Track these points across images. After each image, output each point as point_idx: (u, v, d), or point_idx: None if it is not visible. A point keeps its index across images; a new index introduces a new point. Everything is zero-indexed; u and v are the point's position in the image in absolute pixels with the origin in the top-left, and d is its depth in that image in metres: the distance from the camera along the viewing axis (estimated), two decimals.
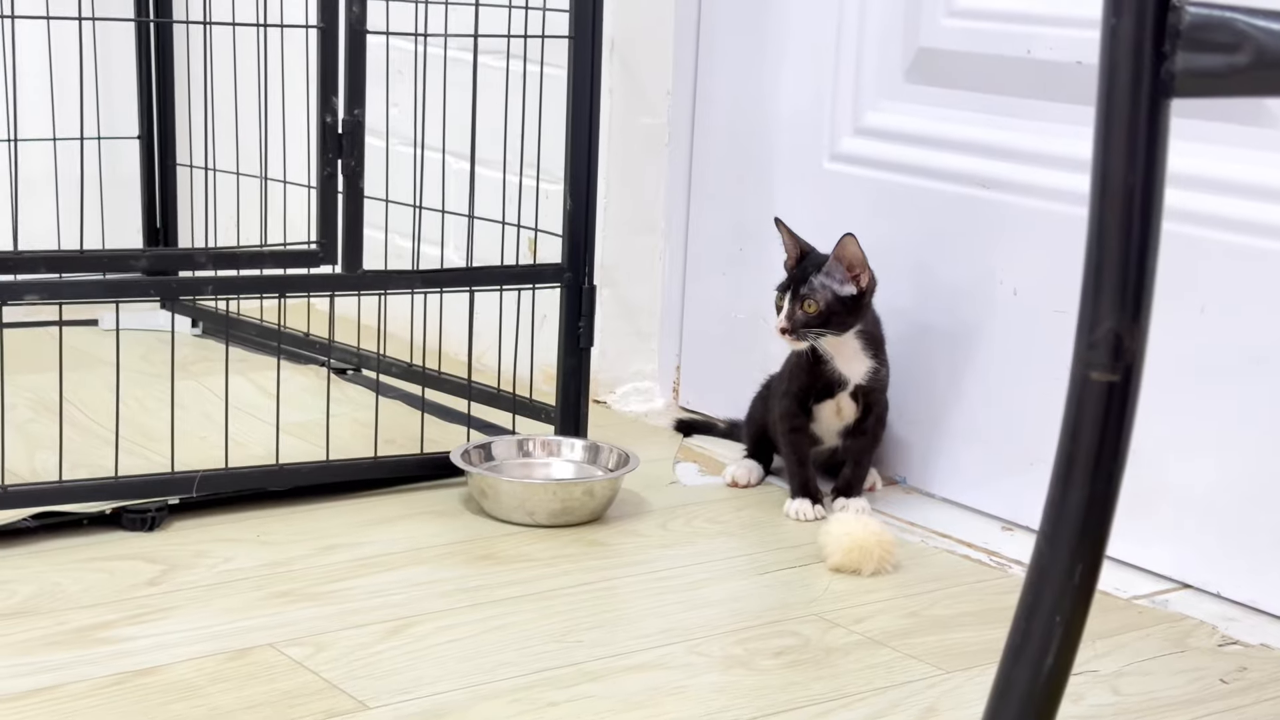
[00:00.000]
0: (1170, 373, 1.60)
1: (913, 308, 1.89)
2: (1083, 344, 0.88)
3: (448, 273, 1.87)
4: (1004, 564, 1.68)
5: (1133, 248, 0.87)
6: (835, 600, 1.56)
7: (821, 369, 1.78)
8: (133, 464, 1.71)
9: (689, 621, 1.49)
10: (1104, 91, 0.86)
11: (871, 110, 1.94)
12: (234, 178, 2.28)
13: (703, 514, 1.79)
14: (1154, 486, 1.63)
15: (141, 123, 2.40)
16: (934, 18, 1.85)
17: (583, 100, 1.84)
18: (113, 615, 1.44)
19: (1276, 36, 0.83)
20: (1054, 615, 0.91)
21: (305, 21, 1.82)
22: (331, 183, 1.73)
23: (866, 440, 1.81)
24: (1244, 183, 1.57)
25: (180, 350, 1.83)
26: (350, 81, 1.71)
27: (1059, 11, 1.71)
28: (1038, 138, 1.74)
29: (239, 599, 1.49)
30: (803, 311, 1.74)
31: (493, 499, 1.73)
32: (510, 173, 1.97)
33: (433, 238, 2.14)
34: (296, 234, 2.10)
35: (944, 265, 1.85)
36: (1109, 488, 0.89)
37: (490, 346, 2.00)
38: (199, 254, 1.71)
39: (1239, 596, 1.58)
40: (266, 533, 1.66)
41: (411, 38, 1.95)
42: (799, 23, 2.00)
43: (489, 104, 1.98)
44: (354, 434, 1.89)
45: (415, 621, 1.46)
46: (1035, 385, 1.75)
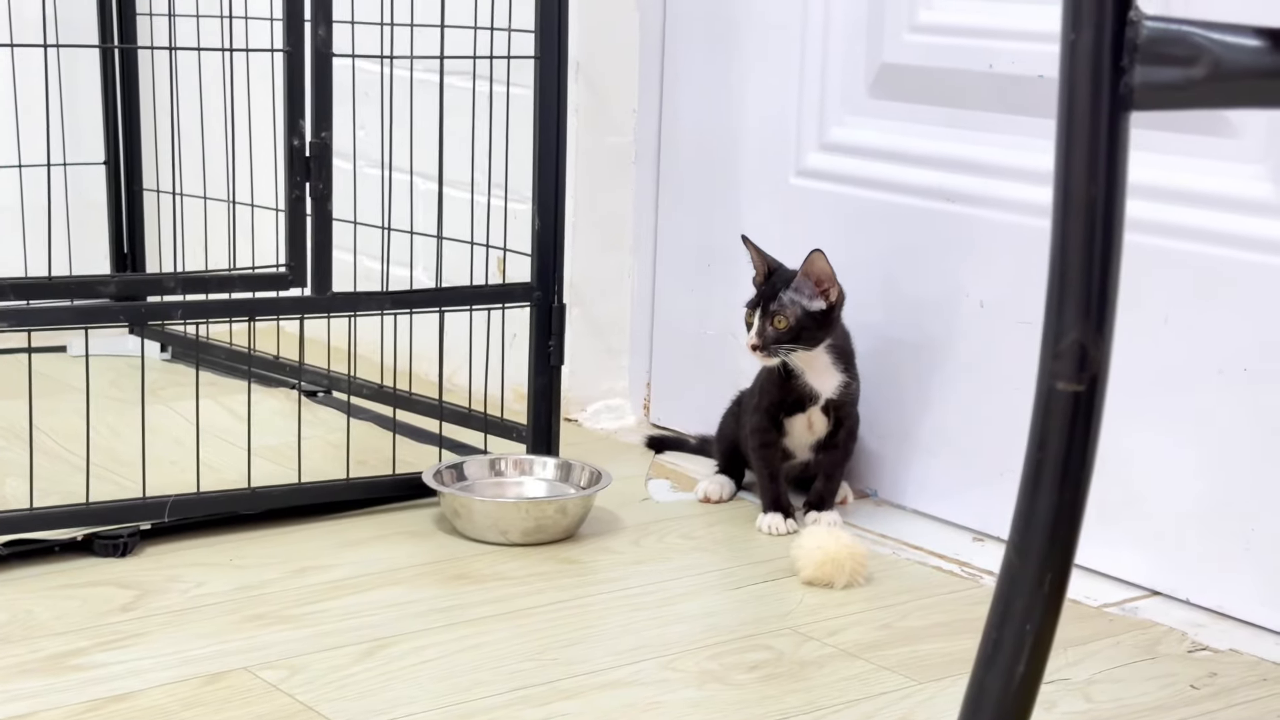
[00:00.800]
0: (1135, 382, 1.61)
1: (880, 321, 1.90)
2: (1048, 354, 0.90)
3: (417, 294, 1.87)
4: (975, 574, 1.69)
5: (1095, 259, 0.88)
6: (808, 613, 1.57)
7: (792, 384, 1.79)
8: (104, 490, 1.71)
9: (663, 637, 1.50)
10: (1064, 106, 0.87)
11: (836, 126, 1.95)
12: (201, 202, 2.28)
13: (675, 530, 1.80)
14: (1121, 495, 1.65)
15: (108, 148, 2.40)
16: (897, 33, 1.86)
17: (549, 120, 1.84)
18: (86, 642, 1.44)
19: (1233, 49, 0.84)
20: (1025, 624, 0.92)
21: (271, 45, 1.82)
22: (300, 205, 1.73)
23: (838, 454, 1.82)
24: (1204, 193, 1.58)
25: (150, 375, 1.83)
26: (317, 104, 1.72)
27: (1020, 26, 1.73)
28: (1001, 151, 1.76)
29: (212, 623, 1.49)
30: (773, 328, 1.75)
31: (466, 518, 1.74)
32: (478, 193, 1.97)
33: (401, 259, 2.14)
34: (265, 257, 2.10)
35: (910, 279, 1.87)
36: (1077, 496, 0.90)
37: (461, 366, 2.01)
38: (168, 278, 1.71)
39: (1208, 602, 1.59)
40: (239, 556, 1.66)
41: (378, 60, 1.96)
42: (763, 40, 2.01)
43: (456, 125, 1.99)
44: (326, 456, 1.89)
45: (390, 643, 1.46)
46: (1003, 396, 1.76)
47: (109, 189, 2.41)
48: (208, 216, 2.27)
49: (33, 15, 2.21)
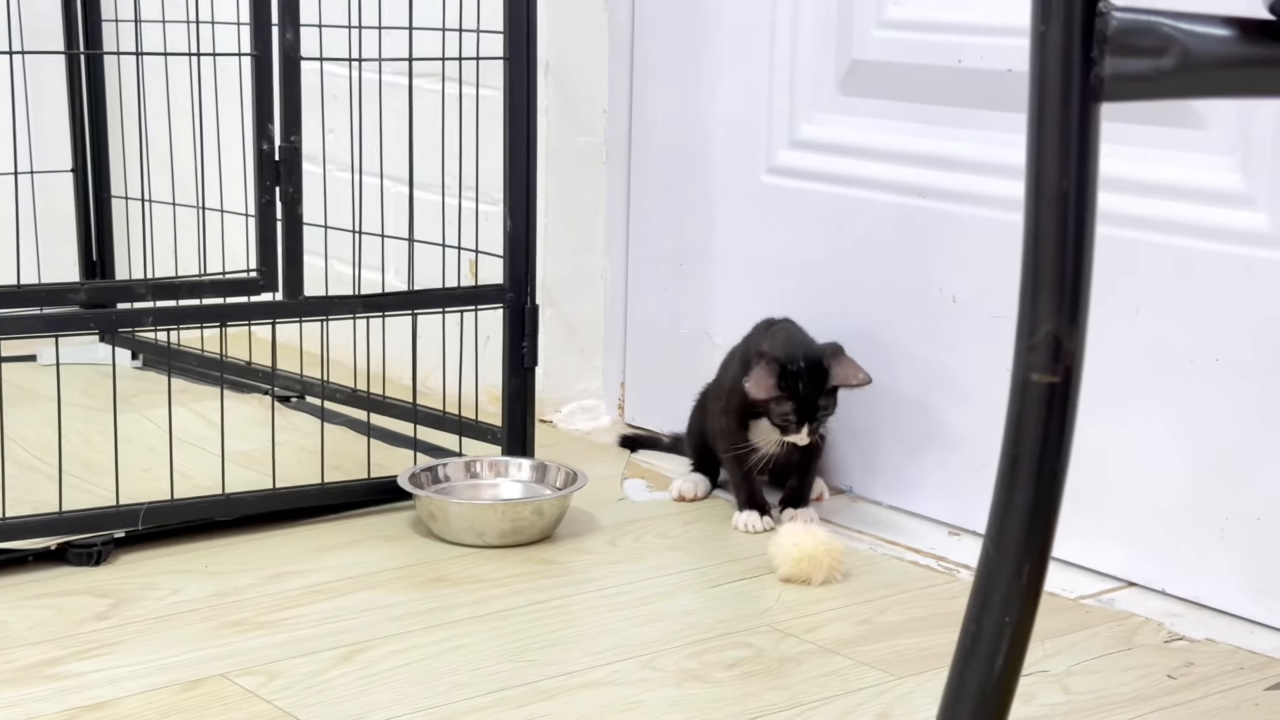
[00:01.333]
0: (1108, 373, 1.62)
1: (853, 317, 1.90)
2: (1023, 347, 0.90)
3: (389, 297, 1.87)
4: (952, 568, 1.69)
5: (1068, 251, 0.88)
6: (787, 610, 1.57)
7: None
8: (77, 499, 1.70)
9: (642, 637, 1.49)
10: (1035, 98, 0.88)
11: (807, 123, 1.95)
12: (170, 208, 2.26)
13: (652, 529, 1.80)
14: (1097, 486, 1.65)
15: (75, 155, 2.38)
16: (865, 30, 1.87)
17: (519, 121, 1.84)
18: (61, 651, 1.43)
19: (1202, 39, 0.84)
20: (1003, 616, 0.92)
21: (238, 50, 1.81)
22: (270, 210, 1.72)
23: (811, 451, 1.82)
24: (1174, 185, 1.59)
25: (121, 383, 1.82)
26: (286, 109, 1.71)
27: (988, 21, 1.73)
28: (971, 145, 1.76)
29: (189, 630, 1.48)
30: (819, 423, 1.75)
31: (442, 521, 1.73)
32: (449, 195, 1.97)
33: (373, 262, 2.14)
34: (236, 262, 2.09)
35: (883, 274, 1.87)
36: (1053, 488, 0.91)
37: (434, 369, 2.00)
38: (138, 285, 1.70)
39: (1183, 593, 1.60)
40: (214, 563, 1.65)
41: (346, 63, 1.95)
42: (733, 39, 2.01)
43: (426, 127, 1.98)
44: (300, 461, 1.88)
45: (367, 647, 1.45)
46: (977, 391, 1.77)
47: (77, 196, 2.40)
48: (177, 222, 2.26)
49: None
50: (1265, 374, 1.52)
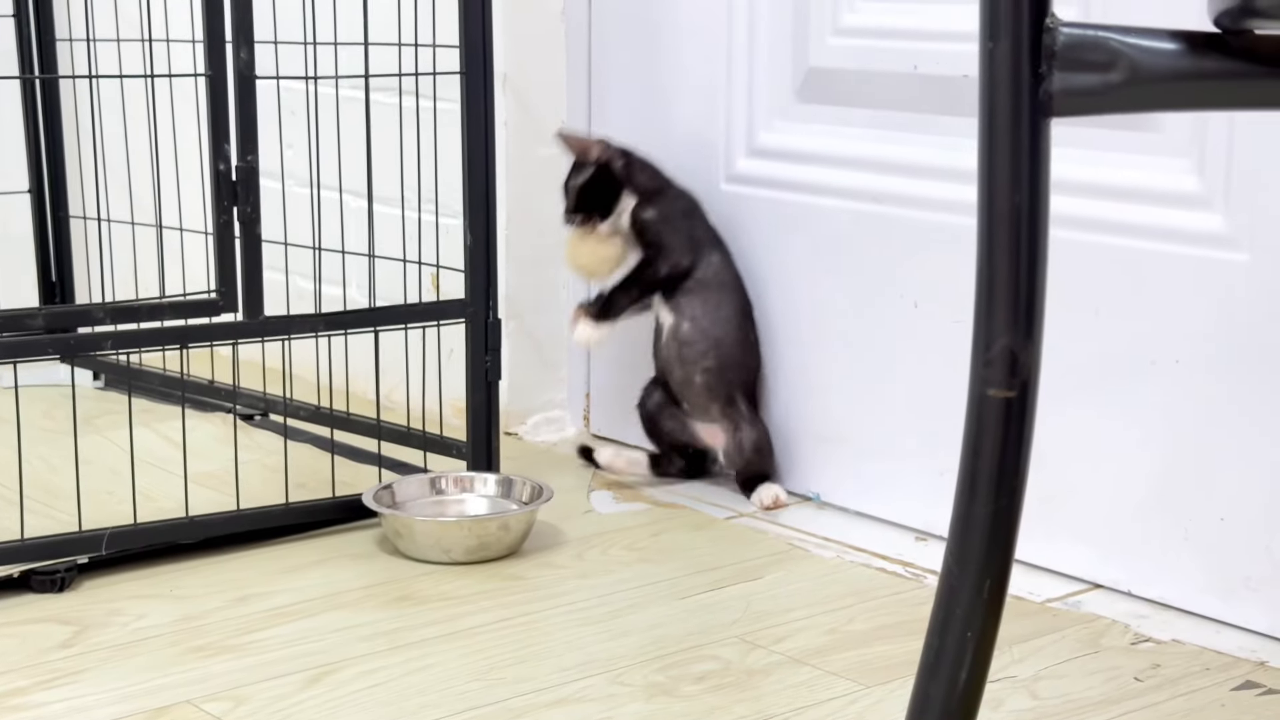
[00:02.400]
0: (1069, 376, 1.62)
1: (815, 323, 1.90)
2: (979, 362, 0.90)
3: (351, 314, 1.86)
4: (919, 574, 1.70)
5: (1022, 266, 0.89)
6: (754, 621, 1.57)
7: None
8: (39, 524, 1.69)
9: (610, 651, 1.49)
10: (985, 113, 0.88)
11: (765, 131, 1.95)
12: (129, 228, 2.25)
13: (620, 541, 1.80)
14: (1061, 489, 1.66)
15: (31, 176, 2.37)
16: (821, 37, 1.87)
17: (477, 134, 1.84)
18: (24, 681, 1.42)
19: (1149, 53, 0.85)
20: (965, 630, 0.92)
21: (194, 69, 1.80)
22: (228, 230, 1.72)
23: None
24: (1130, 187, 1.60)
25: (82, 404, 1.80)
26: (242, 128, 1.70)
27: (943, 27, 1.73)
28: (929, 151, 1.77)
29: (154, 656, 1.47)
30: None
31: (408, 539, 1.73)
32: (409, 209, 1.96)
33: (334, 278, 2.13)
34: (196, 281, 2.08)
35: (844, 281, 1.87)
36: (1012, 501, 0.91)
37: (398, 384, 2.00)
38: (96, 309, 1.69)
39: (1149, 594, 1.60)
40: (179, 587, 1.64)
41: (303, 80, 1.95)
42: (690, 48, 2.01)
43: (384, 141, 1.97)
44: (264, 480, 1.88)
45: (335, 668, 1.45)
46: (940, 396, 1.77)
47: (34, 217, 2.38)
48: (136, 242, 2.25)
49: None
50: (1225, 374, 1.53)
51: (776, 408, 1.97)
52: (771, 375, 1.97)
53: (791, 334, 1.93)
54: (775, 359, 1.96)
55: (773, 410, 1.97)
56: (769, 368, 1.97)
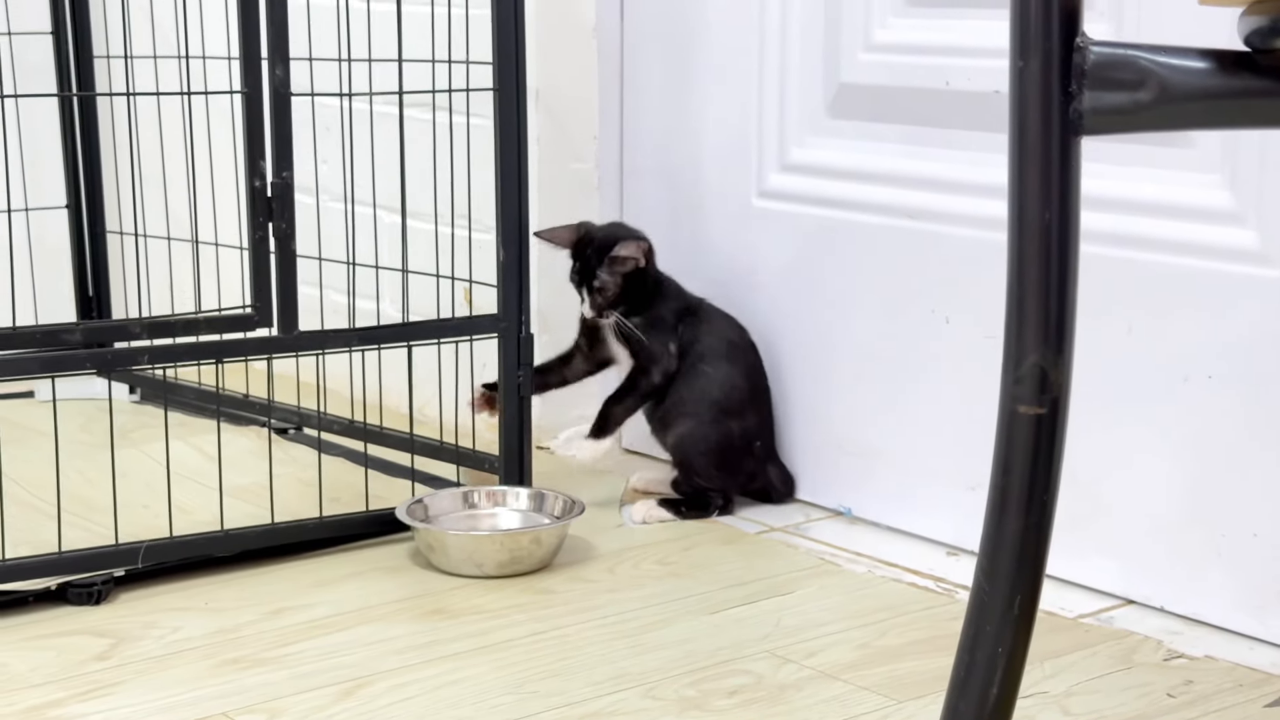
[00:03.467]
0: (1102, 392, 1.62)
1: (847, 339, 1.91)
2: (1009, 379, 0.90)
3: (384, 329, 1.87)
4: (950, 589, 1.70)
5: (1052, 283, 0.89)
6: (786, 635, 1.57)
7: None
8: (76, 537, 1.70)
9: (642, 665, 1.50)
10: (1015, 132, 0.88)
11: (797, 146, 1.96)
12: (165, 242, 2.27)
13: (651, 556, 1.80)
14: (1093, 505, 1.66)
15: (69, 192, 2.39)
16: (853, 53, 1.88)
17: (510, 150, 1.85)
18: (62, 693, 1.43)
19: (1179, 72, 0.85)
20: (996, 647, 0.92)
21: (229, 86, 1.82)
22: (263, 246, 1.73)
23: (630, 375, 1.96)
24: (1162, 203, 1.60)
25: (119, 418, 1.82)
26: (277, 145, 1.72)
27: (974, 43, 1.74)
28: (960, 167, 1.77)
29: (190, 669, 1.48)
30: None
31: (440, 552, 1.74)
32: (442, 224, 1.98)
33: (368, 292, 2.14)
34: (231, 296, 2.10)
35: (876, 296, 1.87)
36: (1043, 518, 0.91)
37: (430, 398, 2.01)
38: (133, 324, 1.70)
39: (1182, 610, 1.60)
40: (214, 600, 1.66)
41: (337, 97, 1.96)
42: (721, 62, 2.02)
43: (418, 157, 1.99)
44: (298, 494, 1.89)
45: (369, 681, 1.46)
46: (971, 410, 1.77)
47: (72, 232, 2.41)
48: (172, 256, 2.27)
49: None
50: (1258, 390, 1.53)
51: (807, 422, 1.97)
52: (802, 390, 1.97)
53: (822, 347, 1.94)
54: (806, 374, 1.96)
55: (803, 425, 1.97)
56: (801, 382, 1.97)
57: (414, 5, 1.93)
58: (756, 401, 1.95)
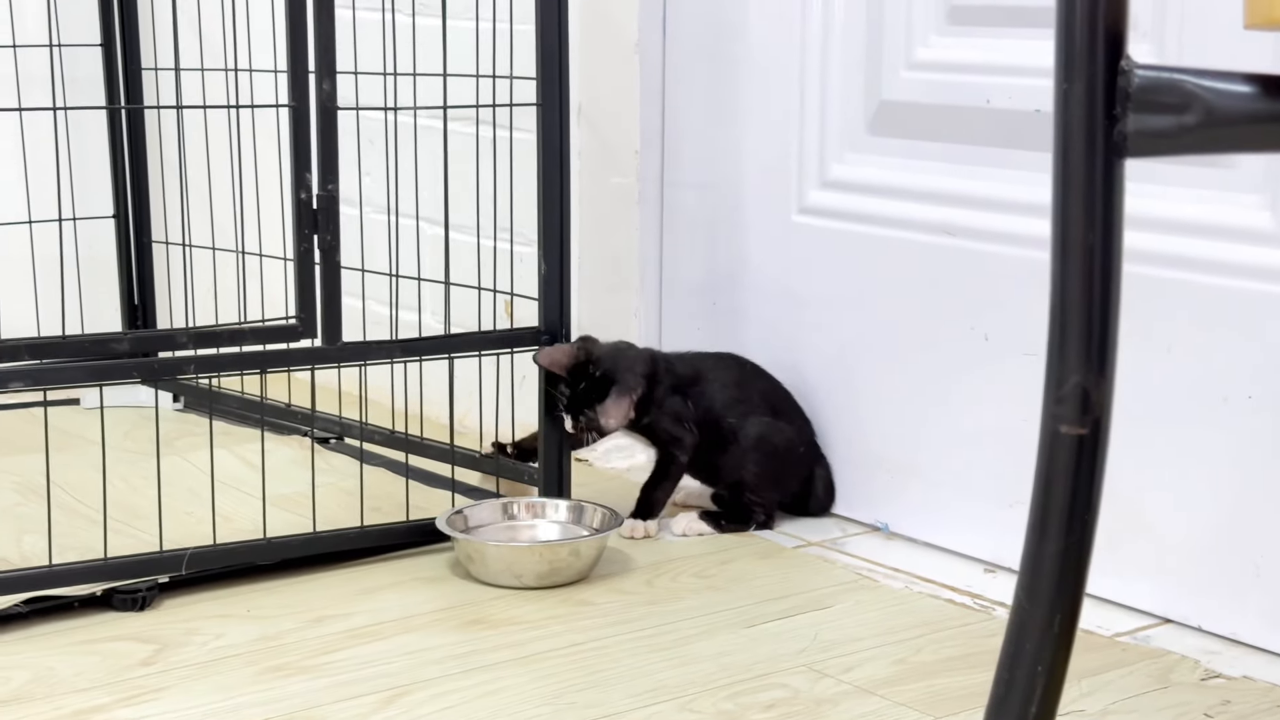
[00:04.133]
0: (1141, 412, 1.62)
1: (886, 355, 1.91)
2: (1051, 399, 0.91)
3: (426, 341, 1.89)
4: (988, 606, 1.70)
5: (1095, 304, 0.89)
6: (823, 650, 1.58)
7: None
8: (121, 544, 1.72)
9: (679, 678, 1.51)
10: (1059, 153, 0.89)
11: (837, 163, 1.97)
12: (210, 253, 2.30)
13: (689, 569, 1.81)
14: (1132, 523, 1.66)
15: (117, 202, 2.42)
16: (894, 71, 1.88)
17: (552, 165, 1.86)
18: (107, 698, 1.45)
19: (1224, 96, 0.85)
20: (1036, 665, 0.93)
21: (276, 98, 1.84)
22: (308, 258, 1.75)
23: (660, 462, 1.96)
24: (1203, 223, 1.60)
25: (163, 426, 1.84)
26: (323, 158, 1.74)
27: (1016, 62, 1.74)
28: (1001, 185, 1.78)
29: (232, 676, 1.50)
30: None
31: (480, 563, 1.75)
32: (484, 237, 1.99)
33: (410, 304, 2.16)
34: (275, 305, 2.12)
35: (915, 313, 1.88)
36: (1084, 538, 0.92)
37: (471, 409, 2.02)
38: (180, 334, 1.72)
39: (1220, 629, 1.60)
40: (256, 607, 1.67)
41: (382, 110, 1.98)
42: (763, 80, 2.03)
43: (461, 170, 2.01)
44: (340, 503, 1.91)
45: (408, 690, 1.47)
46: (1010, 427, 1.77)
47: (119, 242, 2.44)
48: (217, 266, 2.29)
49: (40, 72, 2.24)
50: None
51: (845, 437, 1.98)
52: (841, 405, 1.98)
53: (862, 364, 1.94)
54: (844, 389, 1.97)
55: (841, 439, 1.98)
56: (839, 397, 1.97)
57: (459, 21, 1.95)
58: (787, 414, 1.96)
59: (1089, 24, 0.87)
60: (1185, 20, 1.58)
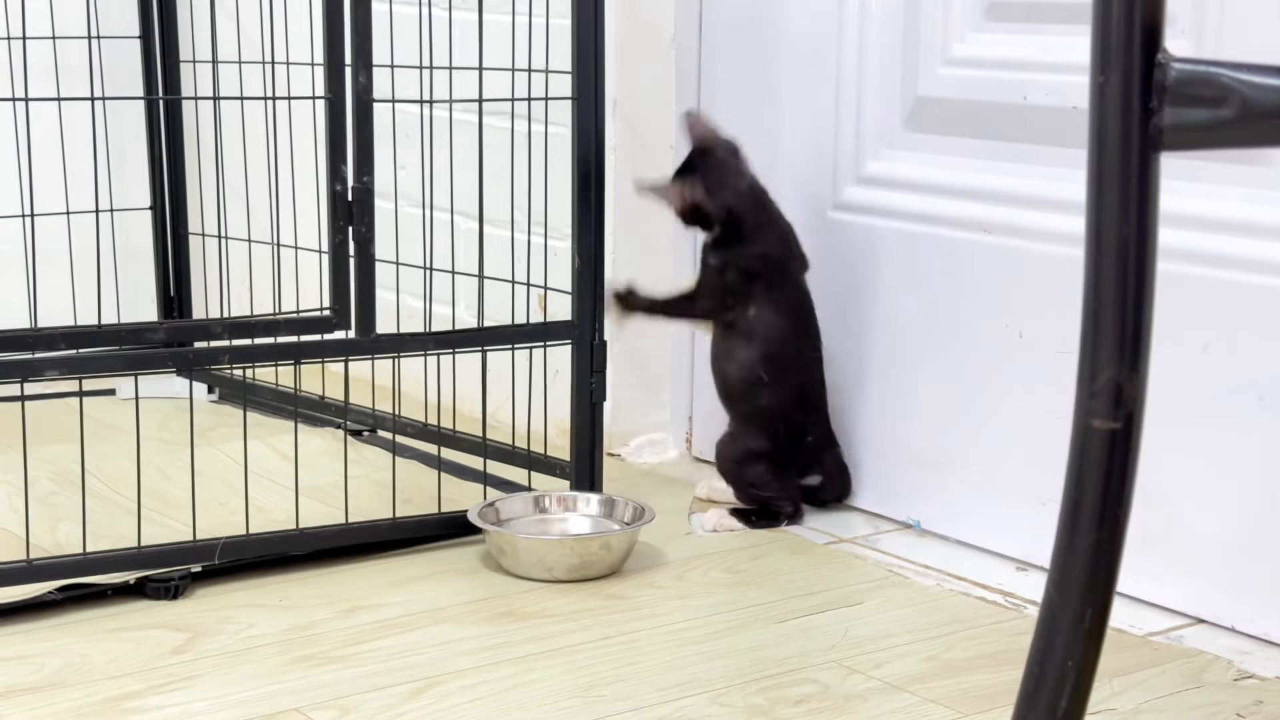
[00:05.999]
0: (1175, 410, 1.61)
1: (920, 351, 1.91)
2: (1084, 393, 0.91)
3: (460, 334, 1.89)
4: (1019, 604, 1.69)
5: (1129, 299, 0.89)
6: (854, 646, 1.57)
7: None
8: (155, 533, 1.73)
9: (710, 672, 1.51)
10: (1094, 147, 0.89)
11: (873, 159, 1.96)
12: (246, 244, 2.31)
13: (720, 564, 1.81)
14: (1165, 523, 1.65)
15: (154, 193, 2.43)
16: (931, 67, 1.88)
17: (587, 159, 1.86)
18: (139, 685, 1.46)
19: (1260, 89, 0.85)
20: (1066, 660, 0.93)
21: (312, 91, 1.85)
22: (343, 250, 1.75)
23: None
24: (1240, 221, 1.59)
25: (197, 417, 1.85)
26: (359, 150, 1.74)
27: (1053, 59, 1.74)
28: (1037, 182, 1.77)
29: (263, 665, 1.51)
30: None
31: (511, 556, 1.75)
32: (518, 231, 2.00)
33: (444, 297, 2.17)
34: (309, 298, 2.13)
35: (950, 309, 1.87)
36: (1115, 533, 0.91)
37: (504, 403, 2.02)
38: (215, 324, 1.73)
39: (1253, 630, 1.59)
40: (288, 597, 1.68)
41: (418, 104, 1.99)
42: (798, 74, 2.03)
43: (496, 164, 2.01)
44: (372, 495, 1.91)
45: (439, 681, 1.47)
46: (1043, 425, 1.77)
47: (155, 233, 2.45)
48: (252, 258, 2.30)
49: (79, 63, 2.26)
50: None
51: (877, 433, 1.97)
52: (873, 401, 1.97)
53: (895, 360, 1.94)
54: (877, 385, 1.97)
55: (873, 436, 1.98)
56: (872, 393, 1.97)
57: (495, 15, 1.95)
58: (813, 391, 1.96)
59: (1125, 17, 0.86)
60: (1224, 14, 1.57)
